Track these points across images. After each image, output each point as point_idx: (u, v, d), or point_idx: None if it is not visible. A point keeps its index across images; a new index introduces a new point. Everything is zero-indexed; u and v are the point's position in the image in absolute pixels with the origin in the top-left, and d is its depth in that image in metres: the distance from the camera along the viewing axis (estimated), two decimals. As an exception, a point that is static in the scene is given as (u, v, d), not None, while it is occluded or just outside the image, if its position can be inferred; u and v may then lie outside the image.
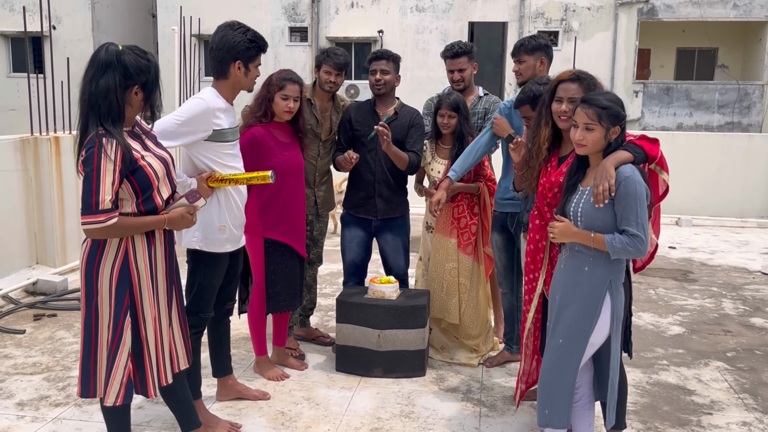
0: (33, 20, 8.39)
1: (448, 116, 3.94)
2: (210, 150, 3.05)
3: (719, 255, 7.48)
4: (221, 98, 3.11)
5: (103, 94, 2.39)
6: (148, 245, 2.53)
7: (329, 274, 6.06)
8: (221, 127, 3.05)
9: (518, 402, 3.23)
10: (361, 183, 4.11)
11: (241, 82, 3.13)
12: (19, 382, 3.76)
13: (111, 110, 2.40)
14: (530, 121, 3.27)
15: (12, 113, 20.64)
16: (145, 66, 2.46)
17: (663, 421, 3.48)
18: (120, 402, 2.53)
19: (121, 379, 2.51)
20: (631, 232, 2.52)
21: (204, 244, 3.09)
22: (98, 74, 2.40)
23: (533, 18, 20.25)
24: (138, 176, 2.45)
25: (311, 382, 3.84)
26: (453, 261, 4.06)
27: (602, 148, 2.61)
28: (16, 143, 5.69)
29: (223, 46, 3.08)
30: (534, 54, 3.84)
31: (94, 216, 2.35)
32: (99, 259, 2.46)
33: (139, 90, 2.47)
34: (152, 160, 2.51)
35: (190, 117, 2.96)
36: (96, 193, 2.34)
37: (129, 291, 2.49)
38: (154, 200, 2.52)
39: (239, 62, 3.08)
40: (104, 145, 2.35)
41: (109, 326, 2.48)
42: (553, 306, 2.76)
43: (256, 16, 19.91)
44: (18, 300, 5.17)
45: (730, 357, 4.40)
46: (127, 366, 2.52)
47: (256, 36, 3.13)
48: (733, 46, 21.63)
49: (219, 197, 3.10)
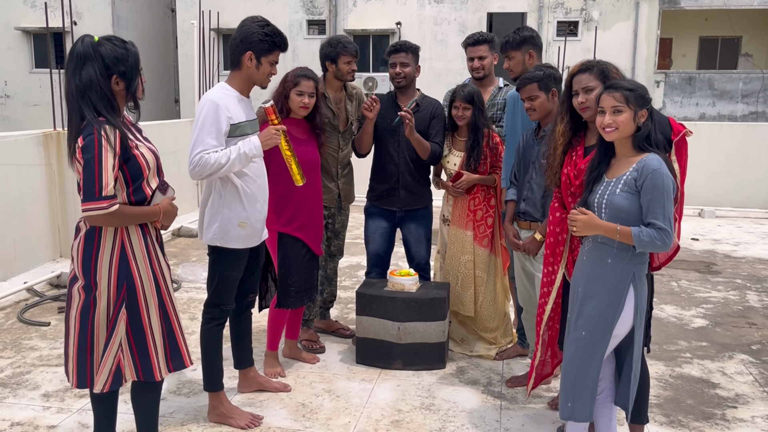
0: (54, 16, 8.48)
1: (462, 108, 3.92)
2: (230, 146, 3.01)
3: (743, 246, 7.37)
4: (231, 90, 3.08)
5: (87, 85, 2.37)
6: (143, 235, 2.51)
7: (349, 267, 6.07)
8: (237, 119, 3.03)
9: (530, 391, 3.25)
10: (384, 174, 4.11)
11: (253, 75, 3.08)
12: (45, 373, 3.81)
13: (102, 99, 2.38)
14: (533, 102, 3.31)
15: (35, 108, 20.91)
16: (122, 55, 2.42)
17: (686, 414, 3.44)
18: (107, 389, 2.51)
19: (110, 367, 2.50)
20: (658, 226, 2.49)
21: (224, 240, 3.08)
22: (78, 67, 2.39)
23: (552, 8, 20.05)
24: (130, 165, 2.42)
25: (332, 374, 3.85)
26: (469, 253, 4.05)
27: (632, 131, 2.58)
28: (39, 138, 5.76)
29: (238, 35, 3.07)
30: (521, 48, 3.78)
31: (97, 202, 2.33)
32: (96, 253, 2.44)
33: (119, 79, 2.43)
34: (144, 150, 2.49)
35: (205, 121, 2.94)
36: (99, 179, 2.32)
37: (127, 283, 2.46)
38: (144, 191, 2.49)
39: (251, 53, 3.03)
40: (105, 131, 2.33)
41: (104, 318, 2.47)
42: (575, 298, 2.74)
43: (274, 9, 19.95)
44: (42, 293, 5.25)
45: (754, 350, 4.34)
46: (117, 355, 2.50)
47: (274, 31, 3.07)
48: (757, 34, 21.25)
49: (241, 193, 3.07)
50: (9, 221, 5.41)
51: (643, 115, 2.58)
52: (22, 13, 21.66)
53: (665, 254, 2.80)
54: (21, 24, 21.78)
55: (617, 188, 2.57)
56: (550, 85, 3.33)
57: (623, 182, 2.57)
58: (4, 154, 5.39)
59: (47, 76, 5.85)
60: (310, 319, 4.23)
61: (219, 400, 3.26)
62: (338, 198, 4.17)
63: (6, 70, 22.05)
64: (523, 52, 3.79)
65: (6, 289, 5.17)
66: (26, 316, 4.75)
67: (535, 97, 3.31)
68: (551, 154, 2.97)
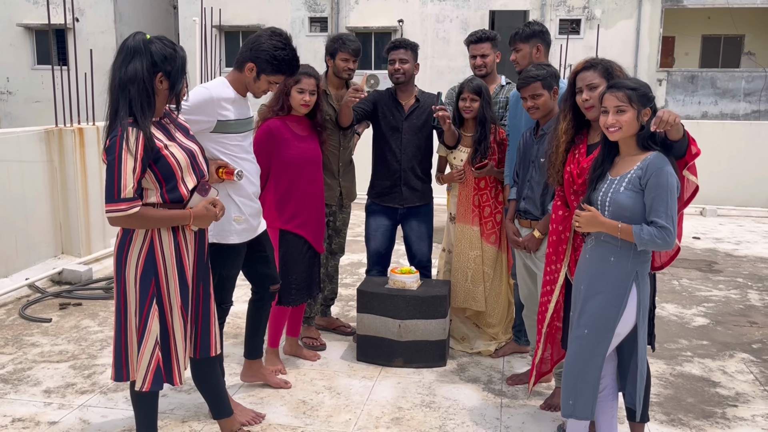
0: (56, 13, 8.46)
1: (470, 99, 3.92)
2: (216, 141, 2.99)
3: (745, 245, 7.37)
4: (231, 88, 3.05)
5: (131, 79, 2.42)
6: (174, 236, 2.56)
7: (350, 264, 6.07)
8: (227, 118, 2.99)
9: (531, 388, 3.25)
10: (386, 172, 4.12)
11: (249, 84, 3.06)
12: (46, 369, 3.82)
13: (141, 95, 2.43)
14: (536, 100, 3.30)
15: (37, 105, 20.94)
16: (170, 55, 2.48)
17: (687, 413, 3.44)
18: (147, 388, 2.56)
19: (148, 365, 2.55)
20: (659, 224, 2.49)
21: (220, 237, 3.06)
22: (127, 60, 2.44)
23: (555, 6, 20.03)
24: (160, 165, 2.47)
25: (332, 371, 3.85)
26: (477, 249, 4.04)
27: (636, 131, 2.58)
28: (41, 135, 5.77)
29: (251, 42, 3.04)
30: (530, 41, 3.77)
31: (116, 204, 2.39)
32: (127, 249, 2.51)
33: (164, 78, 2.48)
34: (176, 150, 2.52)
35: (193, 105, 2.90)
36: (118, 181, 2.38)
37: (155, 279, 2.52)
38: (179, 190, 2.53)
39: (253, 65, 3.00)
40: (127, 133, 2.38)
41: (135, 314, 2.53)
42: (577, 296, 2.74)
43: (276, 6, 19.91)
44: (44, 289, 5.25)
45: (755, 349, 4.34)
46: (155, 354, 2.55)
47: (285, 58, 3.00)
48: (760, 32, 21.22)
49: (228, 190, 3.04)
50: (11, 217, 5.41)
51: (646, 113, 2.58)
52: (25, 10, 21.69)
53: (667, 254, 2.80)
54: (23, 20, 21.82)
55: (621, 186, 2.57)
56: (552, 83, 3.32)
57: (627, 180, 2.57)
58: (6, 150, 5.39)
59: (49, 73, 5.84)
60: (311, 316, 4.23)
61: None
62: (340, 196, 4.17)
63: (8, 66, 22.10)
64: (531, 45, 3.77)
65: (7, 285, 5.17)
66: (28, 312, 4.76)
67: (538, 95, 3.30)
68: (553, 152, 2.96)
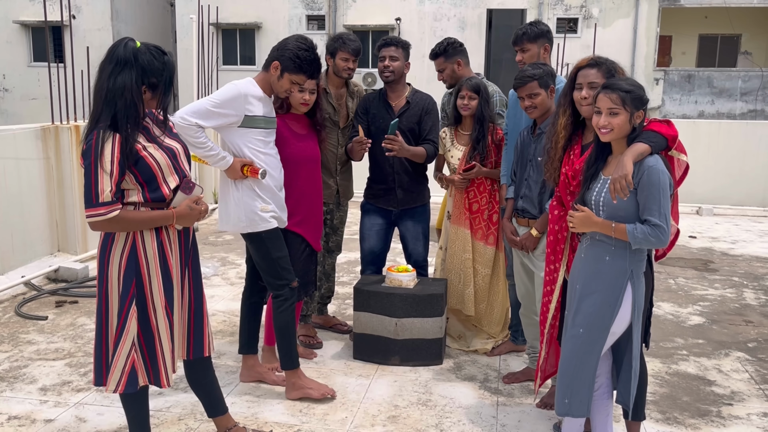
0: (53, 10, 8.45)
1: (468, 97, 3.92)
2: (243, 137, 3.21)
3: (741, 244, 7.39)
4: (258, 87, 3.27)
5: (120, 91, 2.38)
6: (157, 236, 2.53)
7: (347, 263, 6.07)
8: (253, 113, 3.20)
9: (537, 389, 3.24)
10: (380, 175, 4.11)
11: (274, 83, 3.28)
12: (42, 367, 3.82)
13: (127, 108, 2.39)
14: (534, 99, 3.30)
15: (33, 102, 20.89)
16: (158, 69, 2.44)
17: (682, 411, 3.45)
18: (121, 390, 2.52)
19: (123, 367, 2.50)
20: (653, 222, 2.49)
21: (253, 225, 3.26)
22: (116, 71, 2.39)
23: (552, 5, 20.05)
24: (140, 167, 2.44)
25: (329, 369, 3.86)
26: (468, 251, 4.05)
27: (627, 133, 2.59)
28: (37, 132, 5.76)
29: (279, 44, 3.29)
30: (537, 41, 3.73)
31: (95, 209, 2.37)
32: (109, 250, 2.49)
33: (147, 90, 2.45)
34: (155, 151, 2.49)
35: (223, 101, 3.13)
36: (95, 185, 2.36)
37: (135, 280, 2.49)
38: (161, 190, 2.51)
39: (278, 63, 3.22)
40: (103, 136, 2.36)
41: (115, 314, 2.49)
42: (573, 295, 2.74)
43: (273, 3, 19.87)
44: (40, 287, 5.25)
45: (751, 347, 4.36)
46: (131, 355, 2.50)
47: (307, 58, 3.22)
48: (757, 32, 21.26)
49: (254, 185, 3.24)
50: (7, 215, 5.41)
51: (639, 116, 2.58)
52: (21, 7, 21.62)
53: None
54: (19, 17, 21.74)
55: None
56: (549, 82, 3.32)
57: None
58: (2, 147, 5.38)
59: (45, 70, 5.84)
60: (308, 314, 4.23)
61: (297, 375, 3.46)
62: (337, 194, 4.17)
63: (4, 63, 22.02)
64: (539, 45, 3.74)
65: (4, 282, 5.17)
66: (24, 310, 4.75)
67: (536, 94, 3.30)
68: (552, 148, 2.96)
